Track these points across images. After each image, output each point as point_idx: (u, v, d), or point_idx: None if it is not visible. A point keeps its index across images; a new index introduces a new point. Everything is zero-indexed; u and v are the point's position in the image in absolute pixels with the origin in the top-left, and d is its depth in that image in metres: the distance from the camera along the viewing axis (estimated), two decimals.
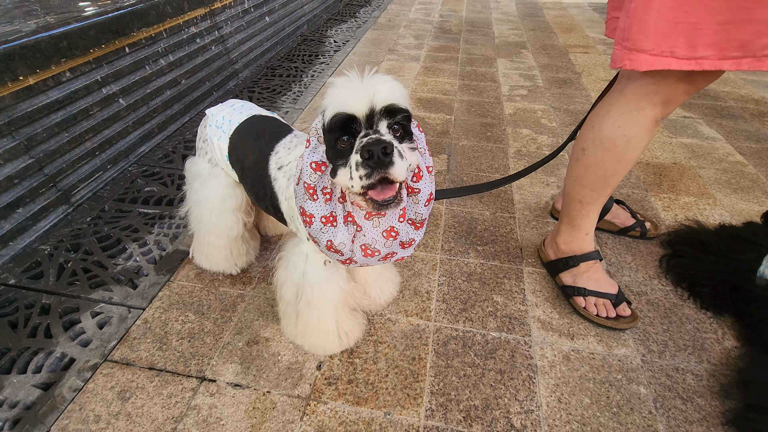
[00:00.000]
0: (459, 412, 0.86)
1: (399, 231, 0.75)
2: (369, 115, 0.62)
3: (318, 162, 0.70)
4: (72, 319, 1.04)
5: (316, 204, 0.72)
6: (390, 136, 0.63)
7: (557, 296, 1.12)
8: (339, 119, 0.63)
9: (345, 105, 0.62)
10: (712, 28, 0.69)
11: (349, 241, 0.74)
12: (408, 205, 0.75)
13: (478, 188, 1.11)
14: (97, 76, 1.47)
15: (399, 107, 0.63)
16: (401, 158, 0.62)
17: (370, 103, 0.61)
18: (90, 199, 1.42)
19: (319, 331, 0.91)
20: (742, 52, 0.70)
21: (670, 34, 0.72)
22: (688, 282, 1.15)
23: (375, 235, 0.74)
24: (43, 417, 0.84)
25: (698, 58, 0.72)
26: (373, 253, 0.75)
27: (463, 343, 1.00)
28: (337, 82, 0.64)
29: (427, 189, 0.74)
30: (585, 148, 0.96)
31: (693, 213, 1.42)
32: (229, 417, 0.85)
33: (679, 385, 0.92)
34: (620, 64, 0.79)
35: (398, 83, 0.65)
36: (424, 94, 2.23)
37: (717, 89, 2.37)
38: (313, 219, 0.72)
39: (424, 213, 0.76)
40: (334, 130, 0.64)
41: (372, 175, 0.61)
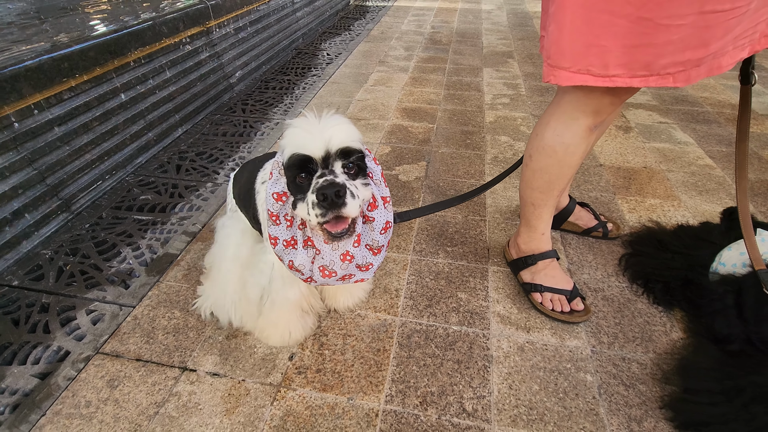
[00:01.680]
0: (416, 398, 0.94)
1: (354, 255, 0.82)
2: (325, 156, 0.69)
3: (279, 192, 0.78)
4: (69, 316, 1.13)
5: (279, 228, 0.80)
6: (343, 176, 0.71)
7: (518, 293, 1.20)
8: (297, 159, 0.70)
9: (302, 147, 0.69)
10: (619, 50, 0.78)
11: (309, 263, 0.82)
12: (364, 231, 0.83)
13: (452, 202, 1.19)
14: (96, 93, 1.58)
15: (353, 149, 0.71)
16: (353, 198, 0.70)
17: (326, 147, 0.69)
18: (89, 207, 1.53)
19: (276, 326, 1.01)
20: (648, 71, 0.78)
21: (584, 54, 0.80)
22: (644, 279, 1.22)
23: (333, 258, 0.82)
24: (39, 402, 0.93)
25: (611, 76, 0.80)
26: (331, 274, 0.83)
27: (426, 336, 1.08)
28: (295, 123, 0.72)
29: (383, 218, 0.81)
30: (531, 155, 1.05)
31: (657, 215, 1.49)
32: (207, 402, 0.93)
33: (624, 373, 0.99)
34: (547, 79, 0.88)
35: (352, 127, 0.73)
36: (409, 104, 2.33)
37: (695, 95, 2.44)
38: (277, 241, 0.81)
39: (380, 240, 0.83)
40: (293, 168, 0.72)
41: (326, 214, 0.69)
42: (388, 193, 0.85)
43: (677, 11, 0.73)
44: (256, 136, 2.02)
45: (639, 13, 0.75)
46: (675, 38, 0.76)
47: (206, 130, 2.07)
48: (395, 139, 1.99)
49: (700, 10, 0.73)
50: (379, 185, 0.83)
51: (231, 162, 1.81)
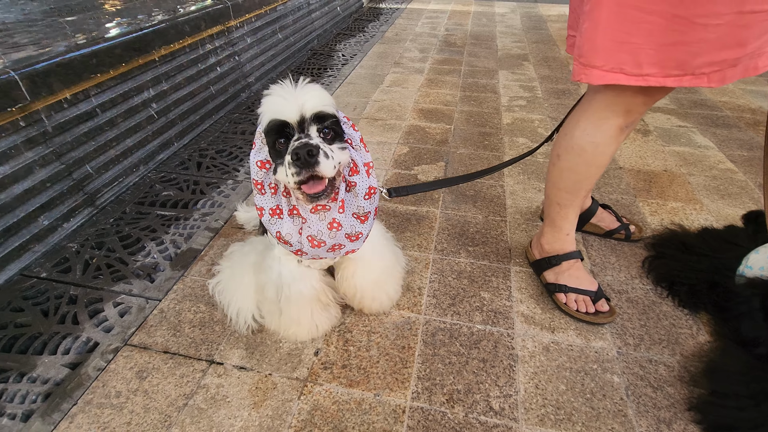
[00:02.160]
0: (443, 395, 0.94)
1: (342, 223, 0.84)
2: (300, 121, 0.72)
3: (263, 160, 0.81)
4: (96, 308, 1.15)
5: (264, 197, 0.83)
6: (318, 139, 0.73)
7: (541, 293, 1.19)
8: (274, 125, 0.73)
9: (279, 113, 0.72)
10: (653, 49, 0.78)
11: (296, 233, 0.84)
12: (348, 198, 0.85)
13: (451, 181, 1.20)
14: (121, 89, 1.60)
15: (326, 113, 0.73)
16: (327, 158, 0.72)
17: (300, 111, 0.72)
18: (113, 202, 1.55)
19: (299, 323, 1.02)
20: (682, 70, 0.78)
21: (616, 52, 0.81)
22: (668, 281, 1.21)
23: (320, 227, 0.84)
24: (70, 392, 0.94)
25: (644, 75, 0.80)
26: (320, 244, 0.85)
27: (450, 335, 1.08)
28: (272, 90, 0.75)
29: (364, 183, 0.83)
30: (559, 154, 1.05)
31: (679, 218, 1.48)
32: (235, 395, 0.94)
33: (651, 375, 0.99)
34: (578, 77, 0.88)
35: (325, 92, 0.76)
36: (426, 105, 2.34)
37: (714, 99, 2.43)
38: (263, 211, 0.83)
39: (366, 206, 0.85)
40: (271, 133, 0.75)
41: (301, 173, 0.71)
42: (371, 159, 0.86)
43: (714, 10, 0.73)
44: None
45: (674, 10, 0.75)
46: (711, 37, 0.76)
47: (225, 128, 2.09)
48: (413, 139, 1.99)
49: (738, 9, 0.72)
50: (359, 151, 0.84)
51: None
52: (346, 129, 0.84)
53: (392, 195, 1.04)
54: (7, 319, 1.10)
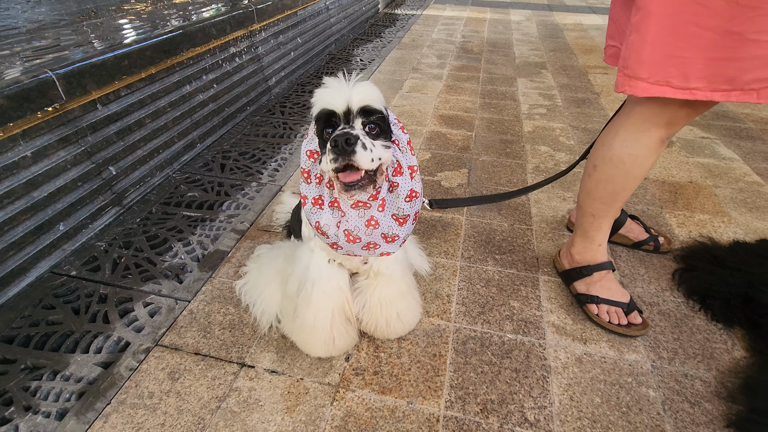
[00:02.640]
0: (476, 405, 0.93)
1: (380, 222, 0.84)
2: (347, 112, 0.73)
3: (312, 150, 0.83)
4: (126, 307, 1.15)
5: (309, 187, 0.84)
6: (361, 131, 0.74)
7: (571, 303, 1.18)
8: (323, 114, 0.75)
9: (328, 103, 0.74)
10: (702, 63, 0.77)
11: (334, 225, 0.84)
12: (389, 199, 0.85)
13: (493, 198, 1.20)
14: (150, 91, 1.62)
15: (372, 108, 0.74)
16: (365, 149, 0.72)
17: (347, 103, 0.73)
18: (139, 201, 1.56)
19: (314, 328, 0.96)
20: (731, 85, 0.78)
21: (664, 66, 0.80)
22: (700, 294, 1.20)
23: (357, 223, 0.84)
24: (104, 391, 0.95)
25: (691, 89, 0.80)
26: (355, 240, 0.84)
27: (481, 343, 1.07)
28: (326, 82, 0.76)
29: (407, 185, 0.83)
30: (596, 165, 1.04)
31: (707, 230, 1.47)
32: (267, 399, 0.94)
33: (688, 390, 0.97)
34: (621, 89, 0.87)
35: (375, 89, 0.77)
36: (446, 111, 2.34)
37: (737, 111, 2.41)
38: (306, 200, 0.85)
39: (405, 209, 0.84)
40: (319, 122, 0.76)
41: (338, 160, 0.72)
42: (416, 163, 0.86)
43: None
44: (296, 138, 2.04)
45: (727, 26, 0.75)
46: (762, 53, 0.75)
47: (247, 130, 2.10)
48: (434, 145, 1.99)
49: None
50: (405, 153, 0.85)
51: (273, 162, 1.84)
52: (394, 129, 0.84)
53: (433, 206, 1.04)
54: (40, 317, 1.11)
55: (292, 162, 1.84)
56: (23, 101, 1.17)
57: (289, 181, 1.71)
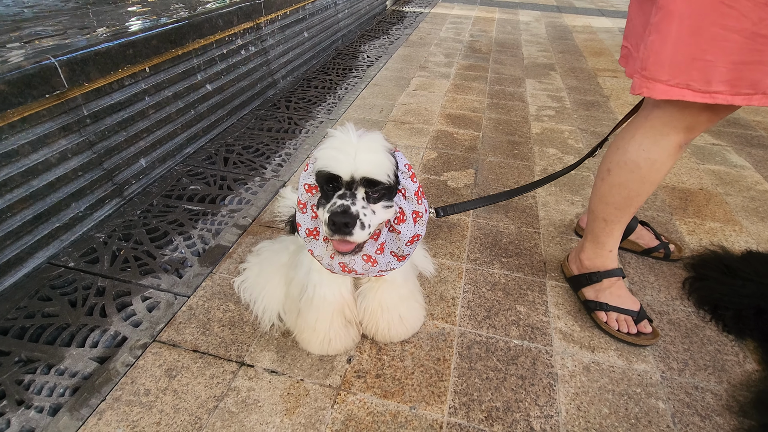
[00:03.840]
0: (481, 412, 0.91)
1: (378, 261, 0.84)
2: (350, 181, 0.71)
3: (311, 185, 0.81)
4: (124, 301, 1.13)
5: (305, 216, 0.84)
6: (362, 202, 0.72)
7: (579, 310, 1.16)
8: (324, 175, 0.72)
9: (331, 166, 0.71)
10: (726, 67, 0.74)
11: (328, 257, 0.84)
12: (390, 240, 0.85)
13: (499, 197, 1.17)
14: (154, 81, 1.59)
15: (377, 181, 0.71)
16: (362, 228, 0.71)
17: (353, 172, 0.70)
18: (140, 193, 1.53)
19: (315, 330, 0.96)
20: (753, 89, 0.75)
21: (686, 68, 0.77)
22: (711, 304, 1.17)
23: (354, 257, 0.83)
24: (99, 387, 0.92)
25: (712, 92, 0.77)
26: (351, 271, 0.85)
27: (486, 348, 1.04)
28: (333, 135, 0.73)
29: (409, 232, 0.82)
30: (610, 169, 1.01)
31: (718, 238, 1.44)
32: (266, 400, 0.91)
33: (698, 402, 0.95)
34: (638, 91, 0.84)
35: (384, 154, 0.72)
36: (453, 111, 2.31)
37: (748, 118, 2.37)
38: (300, 227, 0.84)
39: (406, 250, 0.85)
40: (321, 179, 0.74)
41: (334, 236, 0.72)
42: (423, 209, 0.84)
43: None
44: (301, 134, 2.01)
45: (755, 28, 0.72)
46: None
47: (251, 124, 2.08)
48: (441, 144, 1.96)
49: None
50: (411, 201, 0.83)
51: (277, 157, 1.81)
52: (402, 179, 0.81)
53: (440, 215, 1.02)
54: (35, 308, 1.09)
55: (297, 157, 1.81)
56: (24, 87, 1.15)
57: (292, 177, 1.68)
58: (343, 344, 0.99)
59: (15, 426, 0.85)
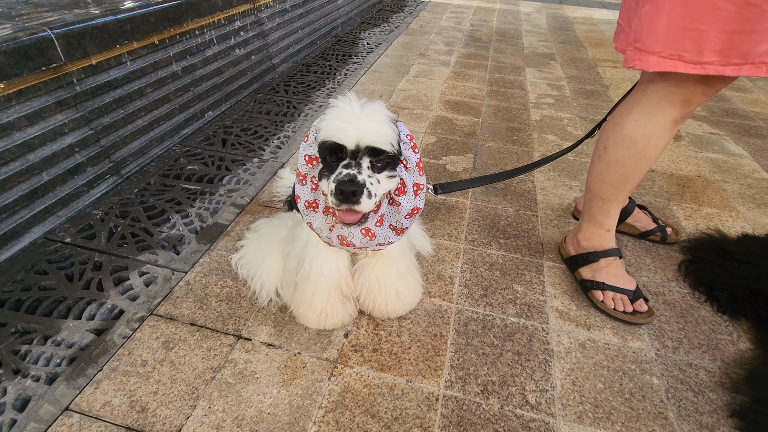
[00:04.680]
0: (477, 386, 0.91)
1: (376, 234, 0.84)
2: (355, 150, 0.70)
3: (311, 156, 0.80)
4: (121, 276, 1.12)
5: (304, 188, 0.83)
6: (368, 171, 0.72)
7: (575, 290, 1.16)
8: (329, 145, 0.71)
9: (336, 136, 0.70)
10: (718, 36, 0.74)
11: (327, 229, 0.83)
12: (389, 212, 0.84)
13: (497, 177, 1.17)
14: (152, 59, 1.58)
15: (383, 150, 0.71)
16: (369, 197, 0.71)
17: (358, 141, 0.69)
18: (137, 172, 1.52)
19: (311, 304, 0.96)
20: (743, 59, 0.75)
21: (679, 39, 0.77)
22: (707, 286, 1.18)
23: (353, 231, 0.83)
24: (96, 357, 0.92)
25: (704, 63, 0.77)
26: (349, 244, 0.85)
27: (483, 325, 1.05)
28: (336, 106, 0.72)
29: (409, 204, 0.82)
30: (607, 146, 1.01)
31: (715, 223, 1.45)
32: (263, 372, 0.92)
33: (692, 379, 0.96)
34: (631, 64, 0.84)
35: (388, 126, 0.71)
36: (452, 97, 2.30)
37: (746, 109, 2.38)
38: (299, 199, 0.83)
39: (405, 223, 0.84)
40: (324, 150, 0.73)
41: (341, 205, 0.71)
42: (423, 182, 0.84)
43: None
44: (299, 117, 2.00)
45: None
46: None
47: (250, 107, 2.06)
48: (440, 130, 1.96)
49: None
50: (413, 173, 0.82)
51: (276, 140, 1.80)
52: (404, 149, 0.81)
53: (438, 192, 1.02)
54: (32, 281, 1.08)
55: (295, 140, 1.80)
56: (20, 59, 1.13)
57: (291, 159, 1.67)
58: (340, 319, 1.00)
59: (11, 394, 0.86)
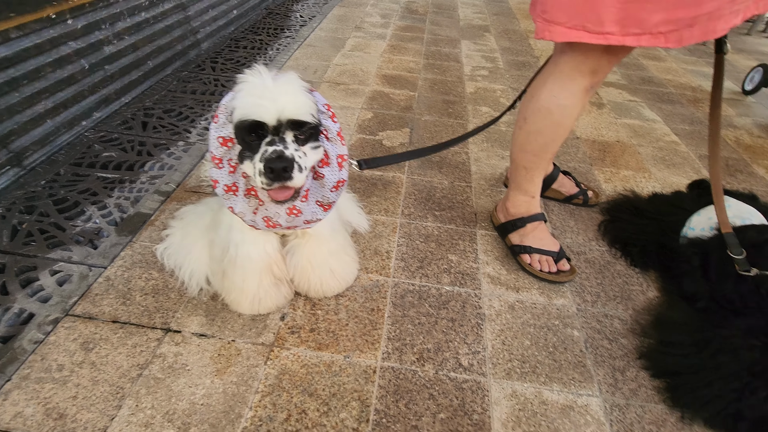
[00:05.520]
0: (413, 354, 0.94)
1: (303, 210, 0.82)
2: (276, 125, 0.67)
3: (225, 137, 0.75)
4: (29, 277, 1.03)
5: (221, 172, 0.79)
6: (293, 145, 0.70)
7: (506, 255, 1.22)
8: (248, 124, 0.67)
9: (255, 114, 0.66)
10: (615, 6, 0.78)
11: (250, 212, 0.81)
12: (314, 188, 0.83)
13: (422, 152, 1.17)
14: (49, 35, 1.41)
15: (305, 122, 0.69)
16: (300, 171, 0.69)
17: (278, 116, 0.66)
18: (44, 162, 1.38)
19: (243, 290, 0.93)
20: (641, 29, 0.79)
21: (581, 9, 0.80)
22: (622, 243, 1.28)
23: (278, 210, 0.81)
24: (2, 367, 0.84)
25: (605, 33, 0.81)
26: (275, 225, 0.83)
27: (419, 296, 1.07)
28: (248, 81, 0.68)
29: (334, 177, 0.81)
30: (526, 117, 1.05)
31: (630, 185, 1.56)
32: (195, 363, 0.89)
33: (607, 328, 1.04)
34: (541, 35, 0.87)
35: (305, 93, 0.70)
36: (389, 71, 2.28)
37: (660, 77, 2.56)
38: (217, 184, 0.79)
39: (331, 197, 0.83)
40: (242, 130, 0.69)
41: (272, 184, 0.69)
42: (346, 152, 0.83)
43: None
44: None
45: None
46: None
47: (173, 86, 1.92)
48: (377, 105, 1.94)
49: None
50: (335, 143, 0.81)
51: (203, 121, 1.70)
52: (324, 120, 0.79)
53: (363, 167, 1.00)
54: None
55: None
56: None
57: None
58: (274, 302, 0.98)
59: None
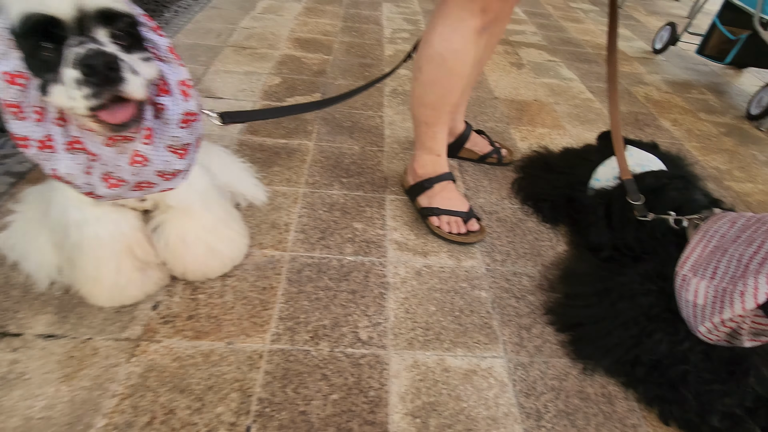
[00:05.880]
0: (306, 333, 0.85)
1: (150, 157, 0.66)
2: (78, 19, 0.50)
3: (12, 72, 0.57)
4: None
5: (25, 124, 0.60)
6: (113, 47, 0.53)
7: (415, 219, 1.15)
8: (35, 21, 0.49)
9: (42, 4, 0.49)
10: None
11: (82, 173, 0.64)
12: (158, 126, 0.66)
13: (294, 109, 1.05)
14: None
15: (117, 12, 0.53)
16: (134, 73, 0.54)
17: (78, 5, 0.50)
18: None
19: (96, 279, 0.78)
20: None
21: None
22: (534, 199, 1.25)
23: (117, 162, 0.64)
24: None
25: None
26: (119, 183, 0.66)
27: (318, 269, 0.98)
28: None
29: (179, 107, 0.66)
30: (421, 67, 0.96)
31: (546, 142, 1.54)
32: (36, 370, 0.74)
33: (515, 286, 1.01)
34: None
35: None
36: (303, 35, 2.11)
37: (579, 38, 2.58)
38: (26, 141, 0.61)
39: (183, 136, 0.68)
40: (30, 35, 0.51)
41: (100, 95, 0.52)
42: (188, 76, 0.68)
43: None
44: None
45: None
46: None
47: None
48: (287, 69, 1.78)
49: None
50: (170, 64, 0.66)
51: None
52: (147, 33, 0.63)
53: (226, 121, 0.86)
54: None
55: None
56: None
57: None
58: (141, 290, 0.84)
59: None
